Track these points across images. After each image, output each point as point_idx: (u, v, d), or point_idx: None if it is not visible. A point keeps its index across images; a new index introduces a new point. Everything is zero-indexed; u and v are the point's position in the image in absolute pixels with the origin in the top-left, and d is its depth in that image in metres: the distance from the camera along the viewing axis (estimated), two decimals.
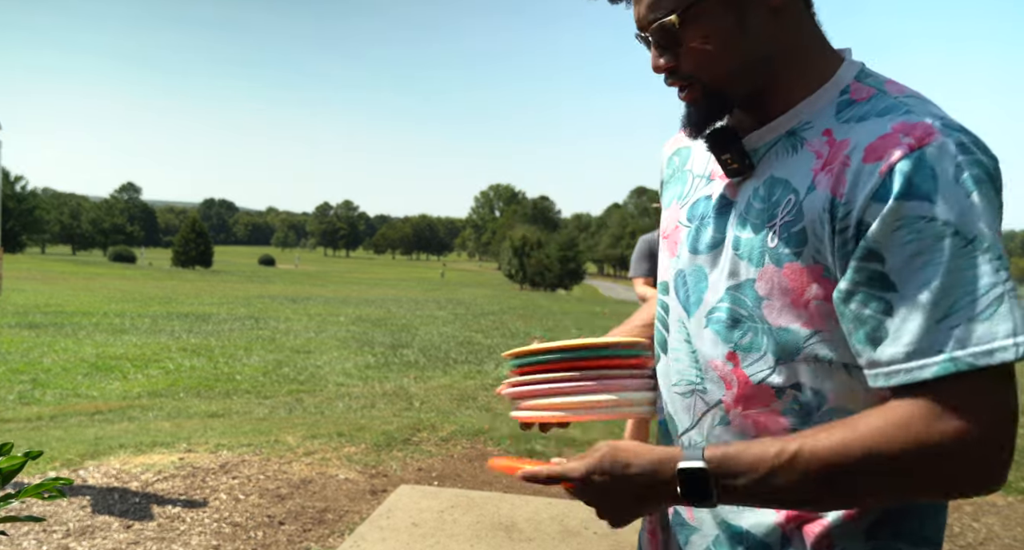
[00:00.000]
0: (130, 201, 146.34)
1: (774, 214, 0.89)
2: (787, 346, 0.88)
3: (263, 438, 4.76)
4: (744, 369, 0.92)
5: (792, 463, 0.79)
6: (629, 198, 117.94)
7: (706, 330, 0.96)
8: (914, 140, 0.79)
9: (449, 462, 4.44)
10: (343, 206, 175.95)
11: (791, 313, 0.87)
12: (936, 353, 0.75)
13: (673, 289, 1.03)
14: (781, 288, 0.88)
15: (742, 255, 0.92)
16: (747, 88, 0.92)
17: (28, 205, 71.81)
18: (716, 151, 0.96)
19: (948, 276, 0.75)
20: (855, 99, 0.89)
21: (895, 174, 0.78)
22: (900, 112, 0.83)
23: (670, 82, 0.94)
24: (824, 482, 0.79)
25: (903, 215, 0.77)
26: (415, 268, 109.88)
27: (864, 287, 0.80)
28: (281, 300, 21.26)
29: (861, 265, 0.80)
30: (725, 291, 0.94)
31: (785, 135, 0.92)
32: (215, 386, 7.78)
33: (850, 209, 0.81)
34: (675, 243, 1.04)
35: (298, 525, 3.38)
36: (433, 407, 6.68)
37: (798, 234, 0.86)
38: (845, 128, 0.86)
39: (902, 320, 0.77)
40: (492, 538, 3.31)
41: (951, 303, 0.75)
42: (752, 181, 0.94)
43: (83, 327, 12.54)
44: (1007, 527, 3.75)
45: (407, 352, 10.64)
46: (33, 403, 6.79)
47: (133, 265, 62.06)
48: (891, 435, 0.76)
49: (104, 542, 3.11)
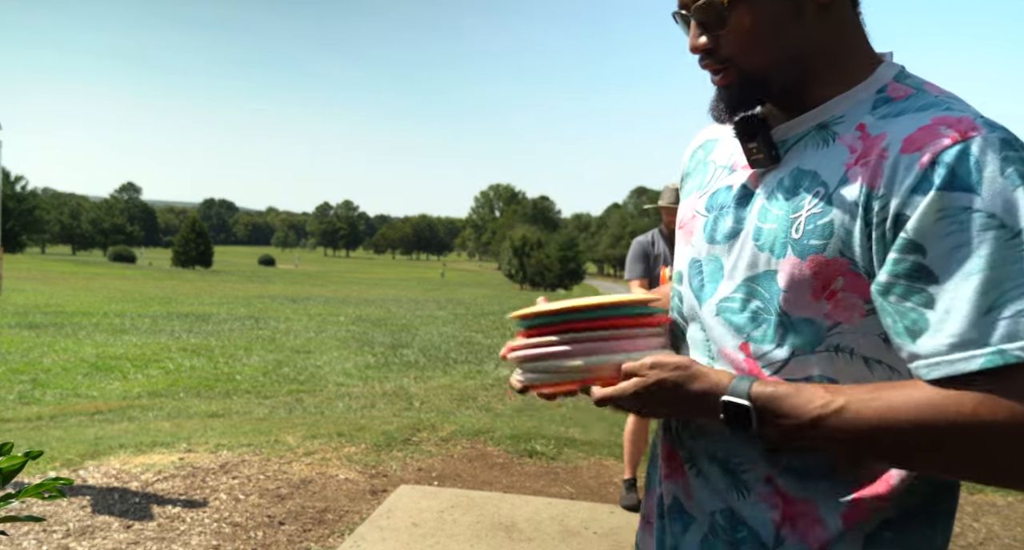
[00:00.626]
0: (130, 201, 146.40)
1: (800, 206, 0.88)
2: (806, 338, 0.88)
3: (263, 438, 4.76)
4: (756, 360, 0.91)
5: (836, 417, 0.79)
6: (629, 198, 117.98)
7: (718, 319, 0.96)
8: (958, 133, 0.78)
9: (449, 462, 4.44)
10: (343, 206, 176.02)
11: (813, 305, 0.87)
12: (983, 345, 0.73)
13: (687, 278, 1.02)
14: (803, 280, 0.87)
15: (763, 246, 0.91)
16: (784, 80, 0.91)
17: (28, 205, 71.85)
18: (744, 139, 0.95)
19: (994, 268, 0.73)
20: (892, 97, 0.88)
21: (937, 165, 0.77)
22: (941, 108, 0.83)
23: (705, 64, 0.93)
24: (863, 442, 0.79)
25: (946, 206, 0.76)
26: (415, 268, 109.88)
27: (904, 279, 0.78)
28: (281, 300, 21.26)
29: (901, 257, 0.78)
30: (742, 281, 0.93)
31: (816, 128, 0.91)
32: (215, 386, 7.77)
33: (887, 201, 0.80)
34: (691, 232, 1.03)
35: (298, 525, 3.38)
36: (433, 407, 6.67)
37: (825, 227, 0.85)
38: (881, 123, 0.86)
39: (945, 312, 0.76)
40: (492, 538, 3.31)
41: (998, 295, 0.73)
42: (777, 172, 0.93)
43: (83, 327, 12.54)
44: (1007, 527, 3.75)
45: (407, 352, 10.63)
46: (33, 403, 6.79)
47: (133, 265, 62.08)
48: (939, 413, 0.75)
49: (104, 542, 3.11)
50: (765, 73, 0.91)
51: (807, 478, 0.89)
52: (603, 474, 4.29)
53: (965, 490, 4.26)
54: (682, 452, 1.01)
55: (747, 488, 0.93)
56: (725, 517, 0.95)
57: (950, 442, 0.76)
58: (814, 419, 0.80)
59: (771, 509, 0.91)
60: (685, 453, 1.01)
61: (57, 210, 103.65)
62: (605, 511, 3.69)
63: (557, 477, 4.26)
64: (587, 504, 3.81)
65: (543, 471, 4.36)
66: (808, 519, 0.89)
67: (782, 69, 0.90)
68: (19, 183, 73.88)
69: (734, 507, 0.94)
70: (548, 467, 4.43)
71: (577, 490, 4.05)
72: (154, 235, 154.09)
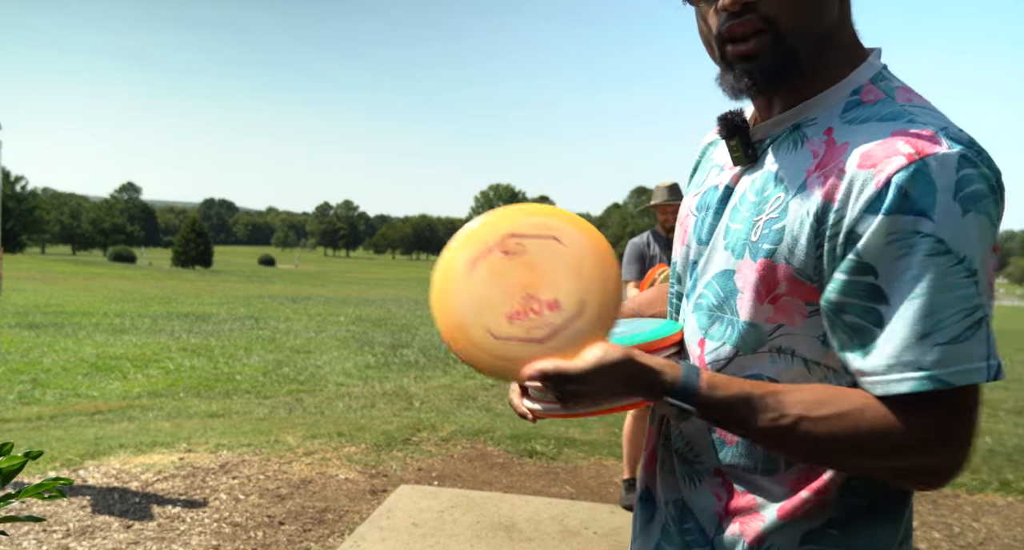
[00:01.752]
0: (130, 201, 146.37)
1: (762, 209, 0.89)
2: (749, 339, 0.89)
3: (263, 438, 4.76)
4: (706, 355, 0.94)
5: (785, 431, 0.81)
6: (629, 198, 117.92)
7: (692, 316, 0.98)
8: (915, 150, 0.77)
9: (449, 462, 4.44)
10: (343, 206, 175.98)
11: (758, 308, 0.88)
12: (916, 369, 0.76)
13: (684, 278, 1.04)
14: (753, 282, 0.88)
15: (727, 246, 0.93)
16: (809, 59, 0.87)
17: (28, 205, 71.89)
18: (725, 135, 0.95)
19: (936, 294, 0.75)
20: (863, 100, 0.86)
21: (891, 186, 0.76)
22: (903, 120, 0.81)
23: (739, 23, 0.85)
24: (786, 427, 0.81)
25: (898, 229, 0.76)
26: (415, 268, 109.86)
27: (857, 299, 0.80)
28: (281, 300, 21.26)
29: (853, 278, 0.79)
30: (711, 279, 0.95)
31: (790, 129, 0.91)
32: (215, 386, 7.77)
33: (842, 216, 0.80)
34: (685, 231, 1.05)
35: (298, 525, 3.38)
36: (433, 407, 6.67)
37: (777, 232, 0.86)
38: (846, 130, 0.85)
39: (889, 332, 0.78)
40: (492, 538, 3.31)
41: (936, 321, 0.75)
42: (753, 173, 0.94)
43: (83, 327, 12.54)
44: (1007, 527, 3.75)
45: (407, 352, 10.63)
46: (33, 403, 6.78)
47: (133, 265, 62.05)
48: (866, 418, 0.79)
49: (104, 542, 3.11)
50: (802, 44, 0.85)
51: (751, 471, 0.92)
52: (603, 474, 4.29)
53: (964, 490, 4.26)
54: (659, 442, 1.05)
55: (699, 478, 0.96)
56: (677, 508, 0.99)
57: (872, 442, 0.79)
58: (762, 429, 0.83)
59: (715, 500, 0.94)
60: (661, 442, 1.04)
61: (57, 210, 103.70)
62: (605, 511, 3.69)
63: (557, 477, 4.26)
64: (587, 504, 3.81)
65: (543, 471, 4.36)
66: (748, 512, 0.91)
67: (814, 44, 0.86)
68: (19, 183, 73.91)
69: (686, 497, 0.98)
70: (548, 467, 4.43)
71: (577, 490, 4.05)
72: (154, 235, 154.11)
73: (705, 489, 0.95)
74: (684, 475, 0.98)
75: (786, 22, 0.84)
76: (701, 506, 0.96)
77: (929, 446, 0.78)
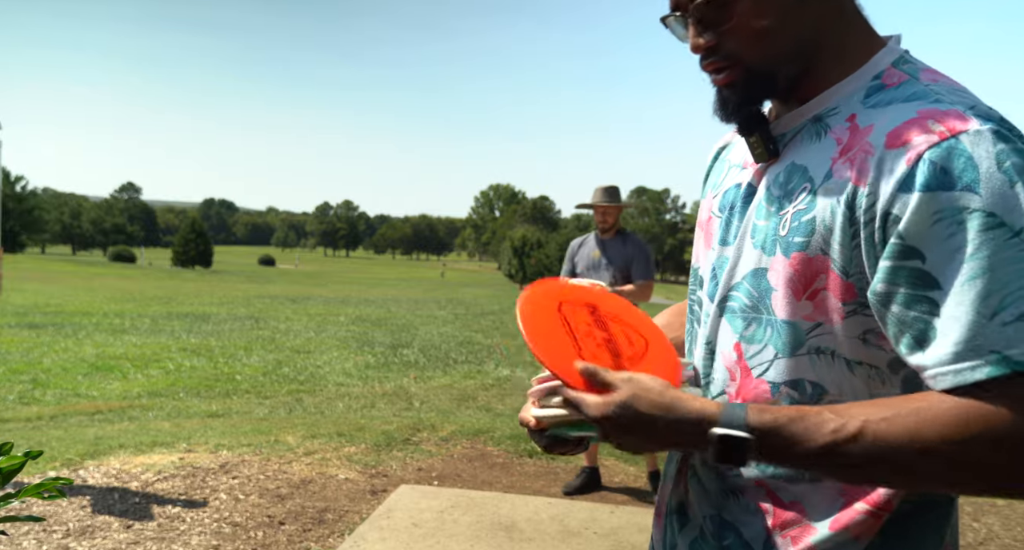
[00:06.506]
0: (130, 201, 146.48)
1: (788, 202, 0.87)
2: (790, 340, 0.86)
3: (263, 438, 4.76)
4: (747, 361, 0.90)
5: (853, 443, 0.74)
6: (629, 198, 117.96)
7: (722, 319, 0.95)
8: (946, 128, 0.75)
9: (449, 462, 4.44)
10: (343, 206, 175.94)
11: (795, 305, 0.85)
12: (987, 353, 0.70)
13: (706, 282, 1.00)
14: (787, 279, 0.85)
15: (756, 244, 0.90)
16: (790, 72, 0.88)
17: (28, 205, 71.95)
18: (744, 133, 0.94)
19: (996, 270, 0.70)
20: (886, 84, 0.85)
21: (924, 163, 0.74)
22: (929, 99, 0.79)
23: (707, 64, 0.90)
24: (884, 466, 0.74)
25: (941, 207, 0.72)
26: (415, 268, 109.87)
27: (905, 288, 0.75)
28: (281, 300, 21.26)
29: (898, 264, 0.75)
30: (742, 280, 0.92)
31: (811, 121, 0.89)
32: (215, 386, 7.77)
33: (875, 200, 0.77)
34: (710, 234, 1.02)
35: (298, 525, 3.38)
36: (433, 407, 6.68)
37: (808, 223, 0.83)
38: (870, 114, 0.83)
39: (949, 318, 0.72)
40: (492, 538, 3.31)
41: (1001, 298, 0.70)
42: (775, 168, 0.92)
43: (83, 327, 12.54)
44: (1007, 527, 3.75)
45: (407, 352, 10.63)
46: (33, 403, 6.79)
47: (133, 265, 62.09)
48: (956, 430, 0.71)
49: (104, 542, 3.11)
50: (772, 66, 0.87)
51: (797, 482, 0.88)
52: (603, 474, 4.29)
53: None
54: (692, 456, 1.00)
55: (740, 492, 0.92)
56: (715, 523, 0.95)
57: (974, 454, 0.71)
58: (827, 446, 0.74)
59: (762, 514, 0.90)
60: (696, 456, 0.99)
61: (57, 210, 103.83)
62: (605, 511, 3.69)
63: (557, 477, 4.26)
64: (587, 504, 3.81)
65: (543, 471, 4.36)
66: (798, 524, 0.88)
67: (788, 61, 0.87)
68: (19, 183, 73.93)
69: (724, 512, 0.94)
70: (548, 467, 4.43)
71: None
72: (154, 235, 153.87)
73: (747, 502, 0.91)
74: (722, 490, 0.94)
75: (749, 56, 0.87)
76: (746, 520, 0.91)
77: (1017, 439, 0.70)
